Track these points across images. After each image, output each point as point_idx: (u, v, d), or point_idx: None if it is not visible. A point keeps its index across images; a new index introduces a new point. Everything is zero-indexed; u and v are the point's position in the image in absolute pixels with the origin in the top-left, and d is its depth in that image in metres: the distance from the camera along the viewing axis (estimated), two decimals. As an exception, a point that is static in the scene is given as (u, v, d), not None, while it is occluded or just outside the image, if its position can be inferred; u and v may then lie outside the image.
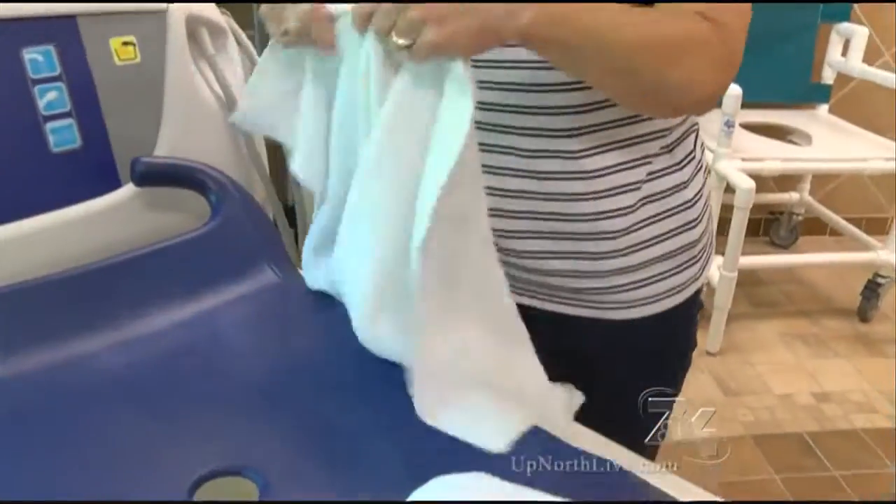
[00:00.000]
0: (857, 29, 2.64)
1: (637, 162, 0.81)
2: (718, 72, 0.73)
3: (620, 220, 0.82)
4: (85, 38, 0.94)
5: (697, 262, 0.89)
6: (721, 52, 0.72)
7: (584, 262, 0.84)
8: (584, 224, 0.82)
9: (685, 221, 0.86)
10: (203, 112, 1.01)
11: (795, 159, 2.34)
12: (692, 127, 0.88)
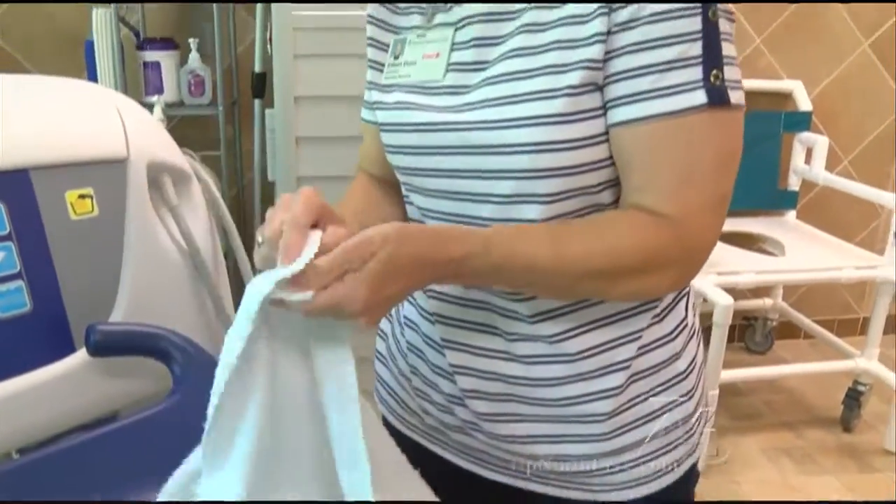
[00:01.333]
0: (818, 139, 2.70)
1: (626, 338, 0.77)
2: (675, 276, 0.73)
3: (609, 401, 0.77)
4: (38, 193, 0.87)
5: (692, 435, 0.83)
6: (678, 255, 0.71)
7: (571, 446, 0.79)
8: (570, 408, 0.77)
9: (679, 395, 0.80)
10: (165, 266, 0.94)
11: (770, 271, 2.33)
12: (683, 291, 0.83)
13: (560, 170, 0.71)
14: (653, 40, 0.68)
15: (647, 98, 0.68)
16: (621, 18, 0.68)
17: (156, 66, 2.30)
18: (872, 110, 2.97)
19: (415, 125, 0.78)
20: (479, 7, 0.76)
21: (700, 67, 0.68)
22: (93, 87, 1.18)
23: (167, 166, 0.98)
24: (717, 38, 0.69)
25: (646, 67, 0.68)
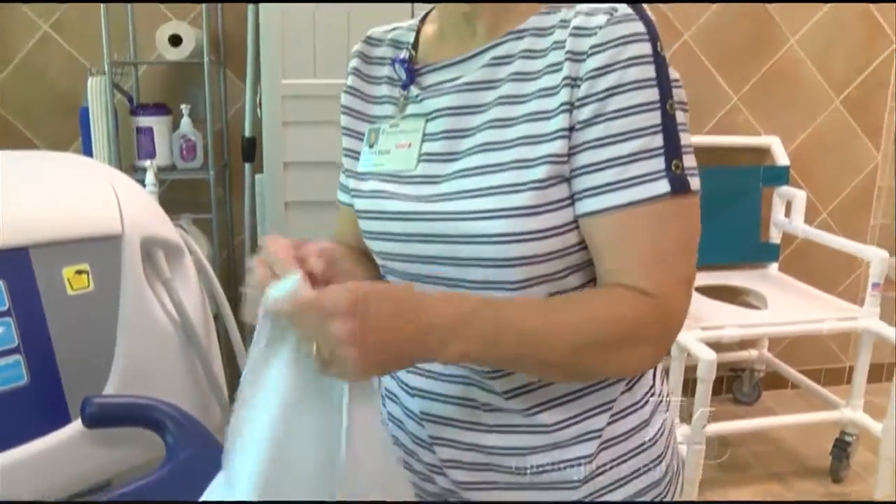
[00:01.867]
0: (797, 193, 2.77)
1: (599, 408, 0.80)
2: (655, 349, 0.76)
3: (581, 468, 0.80)
4: (37, 270, 0.91)
5: (666, 495, 0.86)
6: (657, 331, 0.74)
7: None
8: (545, 475, 0.80)
9: (648, 461, 0.84)
10: (158, 337, 0.98)
11: (753, 325, 2.37)
12: None
13: (528, 258, 0.75)
14: (616, 135, 0.72)
15: (613, 189, 0.72)
16: (584, 115, 0.73)
17: (148, 132, 2.35)
18: (848, 164, 3.05)
19: (391, 213, 0.82)
20: (449, 100, 0.81)
21: (662, 158, 0.72)
22: (88, 162, 1.23)
23: (160, 240, 1.02)
24: (676, 129, 0.73)
25: (611, 160, 0.72)
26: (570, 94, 0.74)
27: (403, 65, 0.85)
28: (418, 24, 0.90)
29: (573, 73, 0.74)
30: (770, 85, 2.90)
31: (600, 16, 0.74)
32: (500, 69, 0.79)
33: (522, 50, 0.78)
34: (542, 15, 0.79)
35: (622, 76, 0.72)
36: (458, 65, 0.82)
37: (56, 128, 2.53)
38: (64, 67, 2.50)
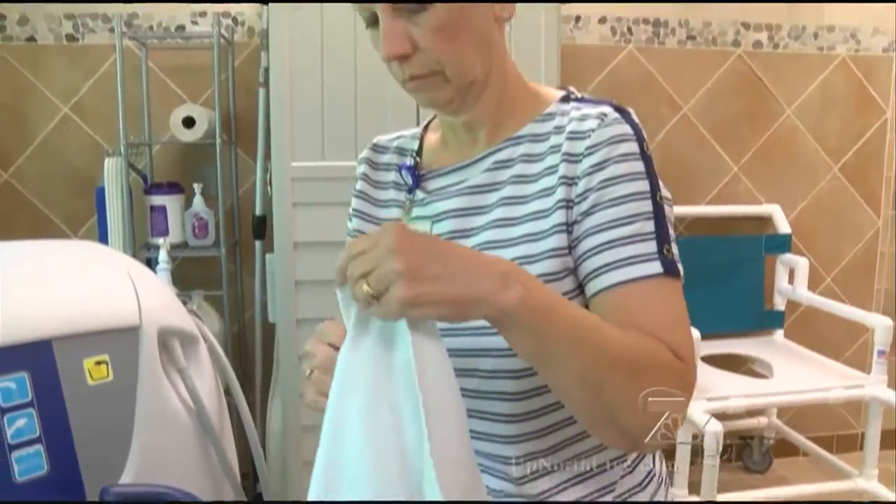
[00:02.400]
0: (799, 260, 2.80)
1: (603, 490, 0.83)
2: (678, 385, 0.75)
3: None
4: (59, 362, 0.94)
5: None
6: (676, 367, 0.75)
7: None
8: None
9: None
10: (173, 425, 1.01)
11: (759, 394, 2.37)
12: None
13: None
14: (613, 220, 0.78)
15: (612, 269, 0.78)
16: (584, 208, 0.79)
17: (162, 210, 2.42)
18: (849, 230, 3.09)
19: None
20: (454, 203, 0.86)
21: (654, 242, 0.78)
22: (106, 251, 1.27)
23: (176, 330, 1.06)
24: (664, 218, 0.79)
25: (609, 242, 0.78)
26: (567, 192, 0.80)
27: (410, 171, 0.91)
28: (421, 132, 0.97)
29: (569, 172, 0.80)
30: (769, 155, 2.97)
31: (592, 120, 0.81)
32: (501, 172, 0.85)
33: (521, 154, 0.84)
34: (537, 122, 0.85)
35: (616, 170, 0.79)
36: (461, 170, 0.88)
37: (73, 206, 2.60)
38: (82, 148, 2.59)
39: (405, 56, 0.81)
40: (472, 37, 0.83)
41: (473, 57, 0.83)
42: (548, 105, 0.88)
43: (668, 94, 2.85)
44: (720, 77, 2.88)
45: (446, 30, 0.80)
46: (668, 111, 2.86)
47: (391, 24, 0.80)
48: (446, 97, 0.85)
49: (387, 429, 0.67)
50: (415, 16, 0.80)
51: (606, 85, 2.79)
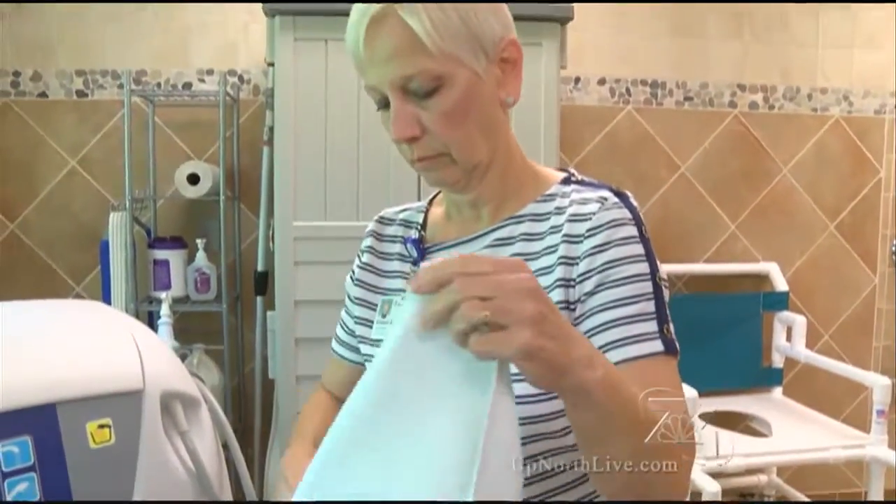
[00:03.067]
0: (797, 318, 2.81)
1: None
2: (685, 459, 0.76)
3: None
4: (63, 426, 0.95)
5: None
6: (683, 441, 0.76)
7: None
8: None
9: None
10: (174, 487, 1.01)
11: (758, 454, 2.37)
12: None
13: (531, 418, 0.82)
14: (616, 300, 0.81)
15: (616, 347, 0.80)
16: (587, 288, 0.82)
17: (164, 264, 2.45)
18: (846, 287, 3.11)
19: None
20: None
21: (655, 322, 0.81)
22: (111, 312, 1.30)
23: (179, 394, 1.07)
24: (663, 299, 0.82)
25: (613, 321, 0.81)
26: (566, 272, 0.83)
27: (415, 244, 0.94)
28: (427, 206, 1.00)
29: (569, 253, 0.84)
30: (766, 213, 3.00)
31: (593, 204, 0.85)
32: (503, 250, 0.88)
33: (522, 233, 0.88)
34: (538, 202, 0.89)
35: (617, 252, 0.82)
36: (465, 244, 0.91)
37: (77, 258, 2.63)
38: (87, 201, 2.62)
39: (414, 138, 0.85)
40: (478, 121, 0.86)
41: (479, 141, 0.87)
42: (549, 186, 0.92)
43: (666, 153, 2.89)
44: (717, 137, 2.93)
45: (454, 115, 0.84)
46: (666, 170, 2.90)
47: (401, 108, 0.84)
48: (453, 177, 0.88)
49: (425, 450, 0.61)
50: (424, 100, 0.84)
51: (606, 144, 2.84)
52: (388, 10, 0.82)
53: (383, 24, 0.82)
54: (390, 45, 0.82)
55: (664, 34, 2.86)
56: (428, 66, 0.83)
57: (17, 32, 2.57)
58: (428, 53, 0.82)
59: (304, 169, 2.04)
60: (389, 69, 0.83)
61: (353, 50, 0.85)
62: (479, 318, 0.57)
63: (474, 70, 0.85)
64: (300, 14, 2.04)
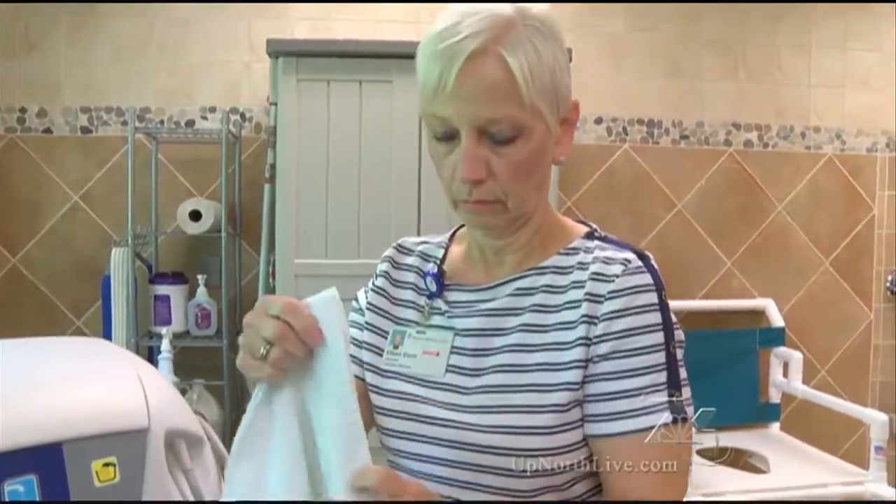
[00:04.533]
0: (793, 354, 2.83)
1: None
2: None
3: None
4: (68, 464, 0.97)
5: None
6: None
7: None
8: None
9: None
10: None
11: (755, 490, 2.37)
12: None
13: (542, 471, 0.83)
14: (629, 370, 0.83)
15: (625, 417, 0.83)
16: (602, 351, 0.84)
17: (165, 299, 2.47)
18: (842, 323, 3.13)
19: (417, 416, 0.91)
20: (478, 322, 0.91)
21: (665, 392, 0.83)
22: (115, 350, 1.32)
23: (182, 432, 1.09)
24: (676, 365, 0.85)
25: (624, 392, 0.83)
26: (587, 331, 0.85)
27: (435, 279, 0.96)
28: (447, 242, 1.01)
29: (591, 311, 0.85)
30: (761, 250, 3.03)
31: (616, 266, 0.86)
32: (524, 299, 0.90)
33: (544, 285, 0.89)
34: (562, 255, 0.91)
35: (635, 321, 0.84)
36: (486, 290, 0.93)
37: (78, 292, 2.65)
38: (89, 236, 2.66)
39: (479, 181, 0.85)
40: (539, 176, 0.88)
41: (534, 194, 0.89)
42: (573, 239, 0.93)
43: (663, 191, 2.93)
44: (713, 174, 2.97)
45: (523, 167, 0.85)
46: (663, 208, 2.94)
47: (474, 149, 0.84)
48: (498, 225, 0.90)
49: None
50: (498, 146, 0.84)
51: (603, 182, 2.88)
52: (491, 47, 0.81)
53: (483, 59, 0.81)
54: (485, 83, 0.81)
55: (660, 75, 2.92)
56: (515, 114, 0.82)
57: (25, 70, 2.62)
58: (519, 101, 0.82)
59: (306, 206, 2.07)
60: (475, 108, 0.82)
61: (437, 79, 0.82)
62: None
63: (548, 126, 0.86)
64: (303, 55, 2.08)
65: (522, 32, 0.82)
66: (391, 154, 2.07)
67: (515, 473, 0.83)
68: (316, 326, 0.73)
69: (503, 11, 0.83)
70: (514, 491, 0.84)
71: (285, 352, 0.74)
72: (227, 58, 2.68)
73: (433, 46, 0.82)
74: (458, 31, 0.81)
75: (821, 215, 3.07)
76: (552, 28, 0.85)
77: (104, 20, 2.65)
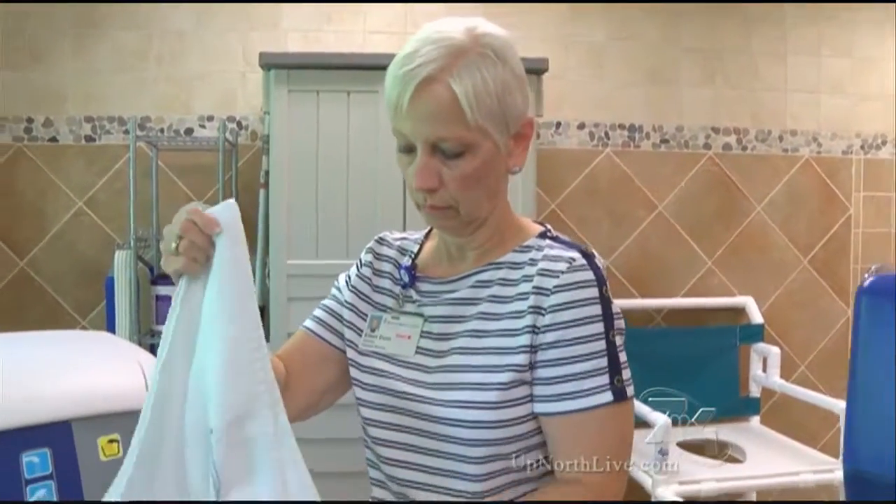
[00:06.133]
0: (771, 349, 2.93)
1: None
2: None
3: None
4: (77, 440, 1.09)
5: None
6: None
7: None
8: None
9: None
10: (173, 497, 1.14)
11: (731, 479, 2.47)
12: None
13: (489, 441, 0.96)
14: (572, 357, 0.95)
15: (569, 398, 0.95)
16: (548, 339, 0.96)
17: (166, 299, 2.57)
18: (821, 320, 3.23)
19: (389, 390, 1.04)
20: (443, 310, 1.04)
21: (606, 375, 0.95)
22: (118, 342, 1.44)
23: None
24: (616, 351, 0.96)
25: (568, 376, 0.95)
26: (535, 320, 0.97)
27: (408, 272, 1.09)
28: (423, 239, 1.14)
29: (538, 303, 0.97)
30: (741, 249, 3.14)
31: (562, 263, 0.98)
32: (482, 290, 1.02)
33: (500, 278, 1.02)
34: (516, 252, 1.03)
35: (577, 313, 0.96)
36: (451, 282, 1.06)
37: (83, 294, 2.77)
38: (93, 240, 2.77)
39: (432, 190, 0.97)
40: (488, 186, 1.00)
41: (485, 202, 1.01)
42: (527, 238, 1.05)
43: (644, 193, 3.04)
44: (692, 177, 3.08)
45: (471, 179, 0.97)
46: (644, 210, 3.05)
47: (427, 162, 0.96)
48: (453, 226, 1.02)
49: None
50: (448, 160, 0.96)
51: (586, 185, 3.00)
52: (440, 75, 0.92)
53: (433, 86, 0.92)
54: (435, 106, 0.93)
55: (640, 81, 3.03)
56: (462, 134, 0.94)
57: (30, 81, 2.74)
58: (465, 122, 0.93)
59: (297, 210, 2.19)
60: (426, 127, 0.94)
61: (395, 100, 0.95)
62: None
63: (496, 143, 0.98)
64: (294, 67, 2.20)
65: (472, 60, 0.94)
66: (377, 160, 2.18)
67: (467, 442, 0.96)
68: (213, 219, 0.90)
69: (457, 40, 0.95)
70: (468, 457, 0.96)
71: (191, 242, 0.89)
72: (224, 68, 2.79)
73: (395, 70, 0.95)
74: (414, 59, 0.94)
75: (798, 216, 3.18)
76: (503, 54, 0.97)
77: (106, 33, 2.76)
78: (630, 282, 3.05)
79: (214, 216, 0.92)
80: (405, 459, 1.02)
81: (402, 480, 1.03)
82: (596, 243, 3.01)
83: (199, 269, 0.91)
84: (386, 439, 1.04)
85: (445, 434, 0.97)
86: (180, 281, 0.93)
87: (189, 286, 0.93)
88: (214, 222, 0.90)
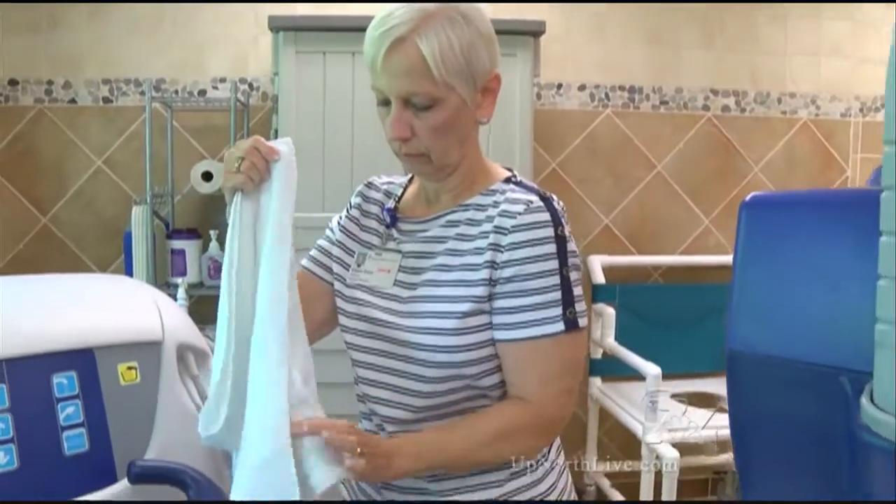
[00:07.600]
0: (765, 306, 3.02)
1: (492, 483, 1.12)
2: (536, 439, 1.11)
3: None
4: (99, 366, 1.21)
5: None
6: (535, 425, 1.08)
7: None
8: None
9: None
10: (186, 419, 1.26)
11: (720, 427, 2.58)
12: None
13: (449, 363, 1.08)
14: (528, 290, 1.06)
15: (523, 326, 1.06)
16: (506, 274, 1.06)
17: (181, 253, 2.71)
18: (816, 280, 3.31)
19: (367, 317, 1.16)
20: (417, 246, 1.16)
21: (560, 307, 1.06)
22: (136, 283, 1.55)
23: (191, 346, 1.32)
24: (570, 285, 1.07)
25: (524, 307, 1.06)
26: (493, 256, 1.08)
27: (389, 213, 1.21)
28: (406, 183, 1.25)
29: (497, 241, 1.08)
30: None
31: (520, 205, 1.08)
32: (450, 229, 1.14)
33: (466, 218, 1.13)
34: (483, 195, 1.14)
35: (532, 251, 1.06)
36: (425, 222, 1.17)
37: (102, 248, 2.90)
38: (112, 197, 2.89)
39: (405, 139, 1.08)
40: (457, 135, 1.11)
41: (454, 150, 1.11)
42: (493, 182, 1.15)
43: (644, 154, 3.12)
44: (691, 138, 3.16)
45: (440, 129, 1.08)
46: (644, 170, 3.13)
47: (400, 114, 1.07)
48: (427, 172, 1.14)
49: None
50: (419, 112, 1.07)
51: (586, 146, 3.08)
52: (409, 35, 1.03)
53: (403, 45, 1.02)
54: (405, 64, 1.03)
55: (641, 43, 3.10)
56: (429, 89, 1.04)
57: (50, 45, 2.84)
58: (432, 79, 1.04)
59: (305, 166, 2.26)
60: (398, 83, 1.05)
61: (372, 58, 1.06)
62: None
63: (463, 97, 1.08)
64: (301, 29, 2.29)
65: (439, 21, 1.04)
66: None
67: (431, 364, 1.08)
68: (274, 147, 1.04)
69: (428, 3, 1.05)
70: (431, 378, 1.08)
71: (252, 163, 1.03)
72: (236, 31, 2.88)
73: (372, 32, 1.06)
74: (388, 21, 1.04)
75: (796, 177, 3.24)
76: (469, 16, 1.07)
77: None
78: (629, 239, 3.14)
79: (275, 146, 1.05)
80: (376, 378, 1.15)
81: (372, 397, 1.15)
82: (596, 202, 3.10)
83: (252, 188, 1.05)
84: (363, 361, 1.16)
85: (412, 356, 1.10)
86: (234, 197, 1.06)
87: (242, 202, 1.07)
88: (275, 150, 1.04)
